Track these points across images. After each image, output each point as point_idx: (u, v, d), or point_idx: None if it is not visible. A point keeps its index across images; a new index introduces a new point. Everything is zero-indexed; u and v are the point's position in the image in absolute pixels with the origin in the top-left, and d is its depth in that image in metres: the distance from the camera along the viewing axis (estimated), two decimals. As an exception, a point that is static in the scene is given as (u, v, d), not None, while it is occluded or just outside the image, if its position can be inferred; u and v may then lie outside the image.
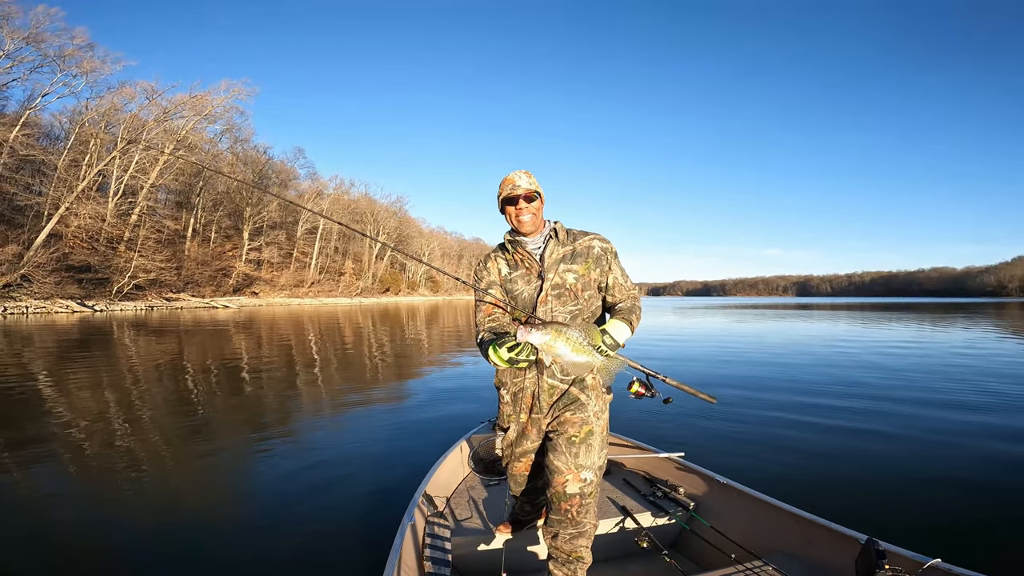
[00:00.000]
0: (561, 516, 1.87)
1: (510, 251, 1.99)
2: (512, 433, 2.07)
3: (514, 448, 2.09)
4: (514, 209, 1.94)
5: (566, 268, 1.93)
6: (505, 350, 1.71)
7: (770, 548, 2.10)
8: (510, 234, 2.02)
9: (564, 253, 1.95)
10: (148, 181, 40.65)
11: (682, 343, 15.12)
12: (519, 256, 1.97)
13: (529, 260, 1.95)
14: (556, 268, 1.93)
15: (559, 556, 1.91)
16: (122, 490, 3.79)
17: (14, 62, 33.12)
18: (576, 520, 1.85)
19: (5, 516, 3.34)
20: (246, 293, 51.25)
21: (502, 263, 2.02)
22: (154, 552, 2.85)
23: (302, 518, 3.20)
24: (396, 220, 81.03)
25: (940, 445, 4.72)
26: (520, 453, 2.09)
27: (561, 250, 1.96)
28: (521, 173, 1.95)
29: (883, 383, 8.02)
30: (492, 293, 1.98)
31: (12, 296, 29.07)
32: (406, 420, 5.88)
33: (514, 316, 1.96)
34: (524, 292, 1.95)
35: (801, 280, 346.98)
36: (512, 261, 2.00)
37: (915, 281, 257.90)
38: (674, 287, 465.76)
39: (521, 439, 2.06)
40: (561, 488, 1.85)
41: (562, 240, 1.97)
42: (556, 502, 1.87)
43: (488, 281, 2.02)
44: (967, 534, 2.91)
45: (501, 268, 2.01)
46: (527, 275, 1.95)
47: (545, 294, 1.91)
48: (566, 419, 1.92)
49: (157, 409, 6.37)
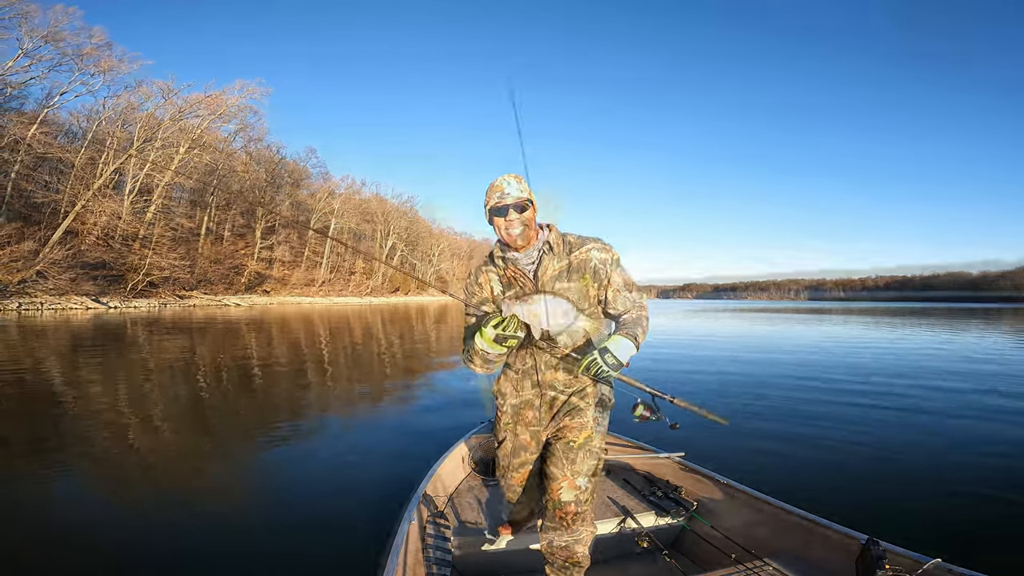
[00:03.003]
0: (556, 523, 1.85)
1: (501, 267, 1.84)
2: (509, 444, 2.01)
3: (511, 459, 2.02)
4: (503, 221, 1.74)
5: (563, 286, 1.76)
6: (491, 327, 1.64)
7: (771, 548, 2.10)
8: (500, 248, 1.84)
9: (560, 269, 1.79)
10: (163, 179, 41.03)
11: (683, 343, 14.94)
12: (511, 274, 1.82)
13: (523, 279, 1.80)
14: (552, 286, 1.76)
15: (555, 561, 1.91)
16: (119, 486, 3.79)
17: (33, 60, 33.46)
18: (571, 527, 1.84)
19: (22, 512, 3.37)
20: (258, 291, 51.60)
21: (495, 279, 1.87)
22: (145, 549, 2.84)
23: (301, 518, 3.19)
24: (407, 220, 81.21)
25: (943, 446, 4.75)
26: (518, 464, 2.02)
27: (557, 265, 1.79)
28: (510, 178, 1.75)
29: (889, 384, 7.92)
30: (484, 311, 1.85)
31: (28, 292, 29.41)
32: (408, 420, 5.91)
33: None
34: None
35: (814, 283, 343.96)
36: (504, 279, 1.84)
37: (930, 284, 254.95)
38: (684, 290, 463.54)
39: (519, 451, 1.99)
40: (556, 495, 1.84)
41: (558, 253, 1.80)
42: (552, 509, 1.86)
43: (481, 298, 1.90)
44: (968, 534, 2.91)
45: (494, 285, 1.87)
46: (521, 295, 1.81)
47: None
48: (565, 424, 1.87)
49: (158, 406, 6.38)
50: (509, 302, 1.61)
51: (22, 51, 32.40)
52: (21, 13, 31.26)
